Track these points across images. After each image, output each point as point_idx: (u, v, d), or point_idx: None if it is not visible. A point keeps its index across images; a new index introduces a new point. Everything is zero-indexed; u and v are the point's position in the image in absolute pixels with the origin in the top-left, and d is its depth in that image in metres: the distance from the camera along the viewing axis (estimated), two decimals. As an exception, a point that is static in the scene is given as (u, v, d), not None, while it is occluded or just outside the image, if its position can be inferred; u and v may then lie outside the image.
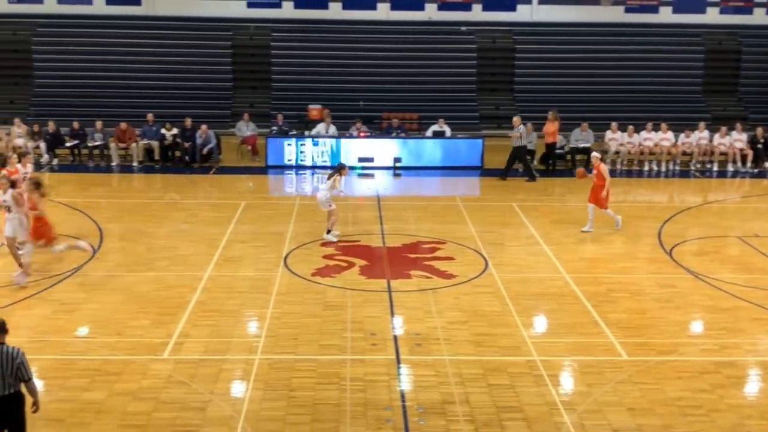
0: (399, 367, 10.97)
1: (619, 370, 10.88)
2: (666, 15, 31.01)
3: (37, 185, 14.05)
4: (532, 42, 30.23)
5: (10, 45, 28.90)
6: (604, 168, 17.15)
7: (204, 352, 11.31)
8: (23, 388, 8.22)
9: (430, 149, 23.86)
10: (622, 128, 24.00)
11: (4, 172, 14.75)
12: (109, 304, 13.01)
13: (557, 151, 23.40)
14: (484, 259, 15.34)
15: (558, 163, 23.47)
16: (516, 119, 22.41)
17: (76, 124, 23.45)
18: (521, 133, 22.06)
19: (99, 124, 23.52)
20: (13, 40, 28.93)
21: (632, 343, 11.68)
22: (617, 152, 23.72)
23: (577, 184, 19.25)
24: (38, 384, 10.40)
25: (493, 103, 29.45)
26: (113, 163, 23.03)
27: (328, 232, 16.38)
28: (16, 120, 23.63)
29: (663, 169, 23.64)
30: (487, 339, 11.81)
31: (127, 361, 11.00)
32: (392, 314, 12.77)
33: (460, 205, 19.61)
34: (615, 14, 30.73)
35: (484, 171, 23.41)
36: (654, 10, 31.26)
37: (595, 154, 17.71)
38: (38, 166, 22.42)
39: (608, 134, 24.12)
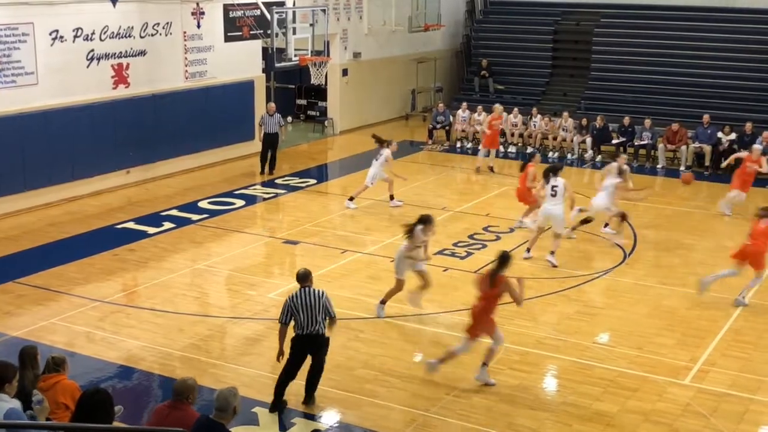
0: None
1: None
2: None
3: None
4: None
5: (572, 36, 30.26)
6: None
7: (730, 386, 10.86)
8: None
9: None
10: None
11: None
12: (632, 314, 13.18)
13: None
14: None
15: None
16: None
17: (627, 120, 23.97)
18: None
19: (648, 122, 23.76)
20: (575, 31, 30.22)
21: None
22: None
23: None
24: (551, 383, 11.08)
25: None
26: (658, 166, 23.10)
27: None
28: (565, 113, 25.03)
29: None
30: None
31: (644, 378, 11.04)
32: None
33: None
34: None
35: None
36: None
37: None
38: (581, 162, 23.61)
39: None
